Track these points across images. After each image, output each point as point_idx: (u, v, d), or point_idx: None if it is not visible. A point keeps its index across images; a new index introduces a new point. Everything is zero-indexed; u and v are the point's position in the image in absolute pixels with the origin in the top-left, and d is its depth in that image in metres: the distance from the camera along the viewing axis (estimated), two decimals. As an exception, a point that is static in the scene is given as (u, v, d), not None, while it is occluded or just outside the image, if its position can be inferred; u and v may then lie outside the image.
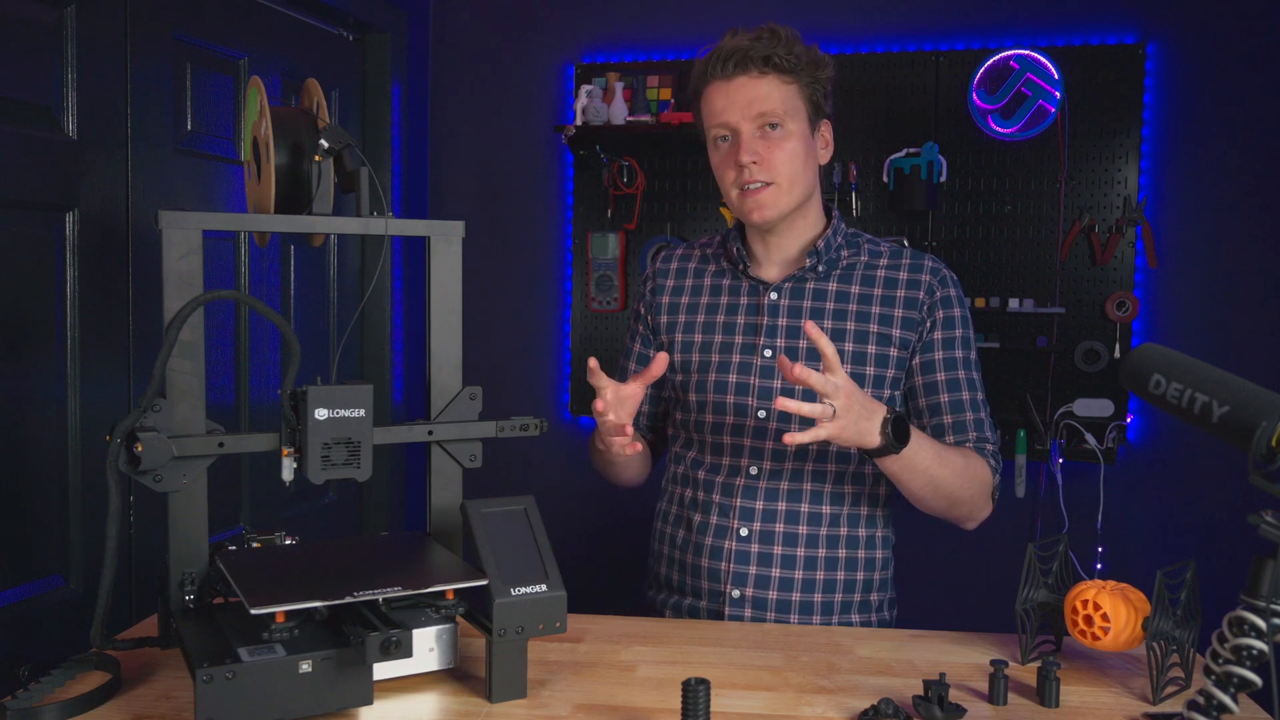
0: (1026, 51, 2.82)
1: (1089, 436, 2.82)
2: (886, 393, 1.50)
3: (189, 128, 2.21)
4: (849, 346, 1.49)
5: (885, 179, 2.94)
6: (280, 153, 1.17)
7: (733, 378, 1.53)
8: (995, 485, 1.49)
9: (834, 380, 1.24)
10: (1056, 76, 2.78)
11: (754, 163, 1.44)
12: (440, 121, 3.27)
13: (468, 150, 3.26)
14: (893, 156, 2.91)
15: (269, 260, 2.51)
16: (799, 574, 1.49)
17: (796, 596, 1.49)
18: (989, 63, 2.84)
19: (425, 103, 3.22)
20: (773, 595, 1.49)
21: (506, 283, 3.27)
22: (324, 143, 1.16)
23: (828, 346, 1.25)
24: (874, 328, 1.49)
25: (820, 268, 1.52)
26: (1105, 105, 2.83)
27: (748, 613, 1.50)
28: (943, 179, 2.90)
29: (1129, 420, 2.86)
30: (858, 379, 1.47)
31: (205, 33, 2.25)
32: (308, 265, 2.68)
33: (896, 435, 1.30)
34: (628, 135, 3.01)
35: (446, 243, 1.23)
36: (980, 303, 2.90)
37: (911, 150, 2.89)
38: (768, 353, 1.51)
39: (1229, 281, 2.82)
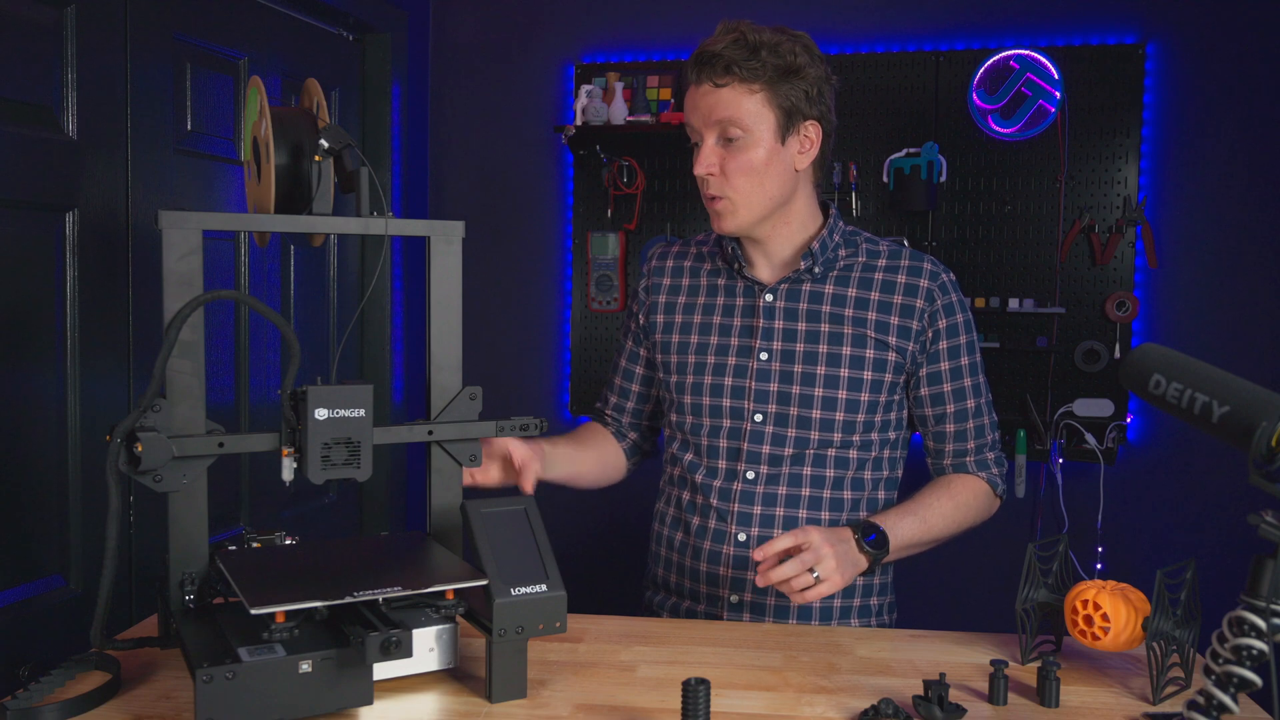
0: (1026, 51, 2.82)
1: (1089, 436, 2.82)
2: (884, 397, 1.49)
3: (189, 128, 2.21)
4: (846, 350, 1.48)
5: (885, 179, 2.94)
6: (280, 153, 1.17)
7: (728, 381, 1.52)
8: (1000, 488, 1.53)
9: (808, 556, 1.26)
10: (1056, 76, 2.78)
11: (709, 174, 1.44)
12: (440, 121, 3.27)
13: (468, 150, 3.26)
14: (893, 156, 2.91)
15: (269, 260, 2.51)
16: None
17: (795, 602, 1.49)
18: (989, 63, 2.84)
19: (425, 103, 3.21)
20: (771, 601, 1.49)
21: (506, 283, 3.26)
22: (324, 143, 1.16)
23: (782, 541, 1.26)
24: (870, 333, 1.48)
25: (816, 269, 1.50)
26: (1105, 105, 2.83)
27: (746, 617, 1.50)
28: (943, 179, 2.90)
29: (1129, 420, 2.86)
30: (854, 383, 1.47)
31: (205, 33, 2.25)
32: (308, 265, 2.68)
33: (877, 547, 1.35)
34: (628, 135, 3.01)
35: (446, 243, 1.23)
36: (980, 303, 2.90)
37: (911, 150, 2.88)
38: (764, 355, 1.50)
39: (1229, 281, 2.81)
